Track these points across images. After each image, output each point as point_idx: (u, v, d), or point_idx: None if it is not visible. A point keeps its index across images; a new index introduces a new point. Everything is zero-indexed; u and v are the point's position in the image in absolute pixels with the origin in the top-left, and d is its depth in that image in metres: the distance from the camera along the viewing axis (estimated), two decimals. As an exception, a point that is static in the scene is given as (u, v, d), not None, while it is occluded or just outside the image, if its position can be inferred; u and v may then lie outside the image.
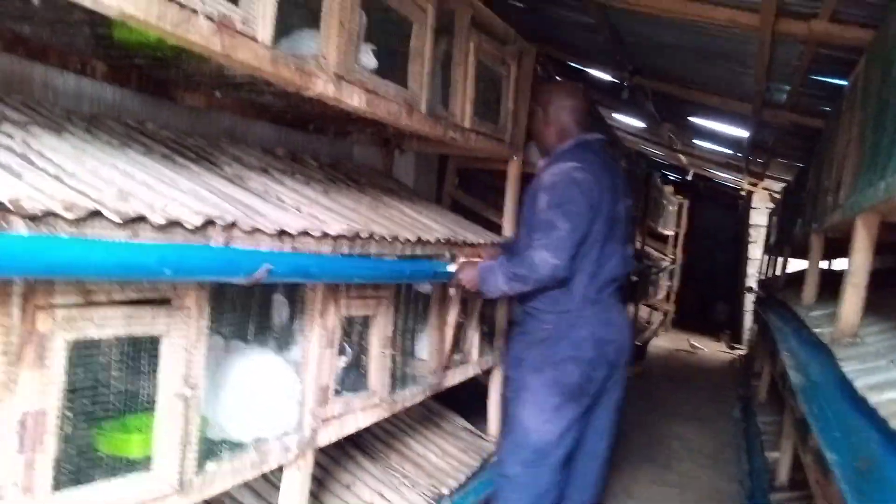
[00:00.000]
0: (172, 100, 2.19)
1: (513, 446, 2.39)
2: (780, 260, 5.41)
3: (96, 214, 1.14)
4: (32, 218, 1.05)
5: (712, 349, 9.42)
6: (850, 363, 1.43)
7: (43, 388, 1.10)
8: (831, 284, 3.00)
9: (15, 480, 1.08)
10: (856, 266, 1.78)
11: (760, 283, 7.60)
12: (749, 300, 9.20)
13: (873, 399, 1.10)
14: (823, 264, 3.52)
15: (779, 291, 4.56)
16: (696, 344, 9.46)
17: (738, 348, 9.42)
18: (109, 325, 1.20)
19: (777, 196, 7.85)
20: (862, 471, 0.99)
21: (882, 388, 1.17)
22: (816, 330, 2.06)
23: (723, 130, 5.68)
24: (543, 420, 2.30)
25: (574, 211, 2.22)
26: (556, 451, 2.34)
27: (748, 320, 9.38)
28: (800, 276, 4.04)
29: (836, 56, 2.80)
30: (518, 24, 3.09)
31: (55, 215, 1.08)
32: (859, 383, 1.21)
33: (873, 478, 0.95)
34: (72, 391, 1.17)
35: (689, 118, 5.61)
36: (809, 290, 3.01)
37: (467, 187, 4.28)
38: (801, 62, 3.03)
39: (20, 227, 1.03)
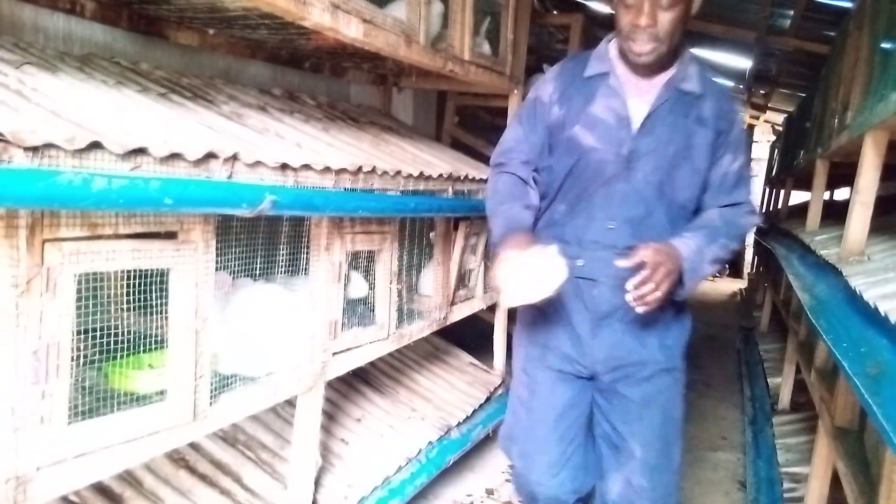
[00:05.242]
0: (165, 39, 2.14)
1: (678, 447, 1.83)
2: (781, 192, 5.39)
3: (97, 146, 1.13)
4: (33, 149, 1.03)
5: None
6: (858, 278, 1.43)
7: (54, 320, 1.10)
8: (833, 214, 3.00)
9: (31, 411, 1.09)
10: (864, 184, 1.76)
11: (762, 215, 7.60)
12: (750, 234, 9.23)
13: (884, 307, 1.10)
14: (826, 195, 3.51)
15: (781, 222, 4.55)
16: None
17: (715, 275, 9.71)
18: (117, 258, 1.19)
19: (779, 128, 7.77)
20: (873, 375, 1.00)
21: (892, 297, 1.17)
22: (822, 252, 2.06)
23: (725, 62, 5.59)
24: None
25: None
26: None
27: (749, 255, 9.45)
28: (802, 208, 4.03)
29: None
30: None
31: (55, 147, 1.07)
32: (869, 294, 1.22)
33: (885, 381, 0.97)
34: (83, 324, 1.18)
35: (691, 50, 5.51)
36: (814, 217, 3.00)
37: (466, 126, 4.24)
38: (806, -17, 2.96)
39: (21, 159, 1.02)
